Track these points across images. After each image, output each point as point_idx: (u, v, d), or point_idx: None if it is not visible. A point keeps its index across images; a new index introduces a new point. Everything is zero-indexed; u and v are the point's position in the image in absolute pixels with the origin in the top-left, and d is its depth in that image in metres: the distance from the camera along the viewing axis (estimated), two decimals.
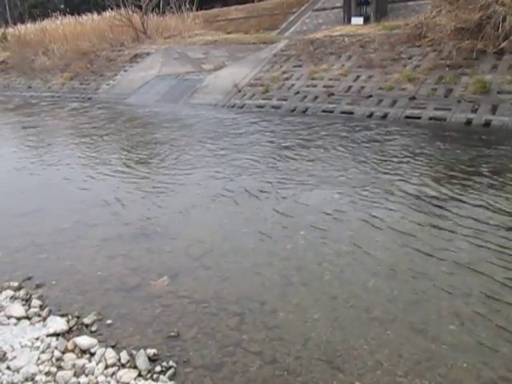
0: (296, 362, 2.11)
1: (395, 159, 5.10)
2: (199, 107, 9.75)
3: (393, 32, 9.53)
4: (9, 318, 2.53)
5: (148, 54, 14.47)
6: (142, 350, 2.18)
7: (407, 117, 7.05)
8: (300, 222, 3.62)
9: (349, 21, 17.22)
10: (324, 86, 8.57)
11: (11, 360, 2.16)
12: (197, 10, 20.16)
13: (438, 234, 3.28)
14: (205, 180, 4.83)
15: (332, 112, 7.87)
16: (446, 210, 3.67)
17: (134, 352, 2.19)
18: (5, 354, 2.21)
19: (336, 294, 2.61)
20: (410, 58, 8.35)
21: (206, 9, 25.72)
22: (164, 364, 2.11)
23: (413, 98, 7.33)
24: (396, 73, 7.94)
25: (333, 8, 21.36)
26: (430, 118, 6.83)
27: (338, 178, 4.61)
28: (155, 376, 2.05)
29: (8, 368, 2.11)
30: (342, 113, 7.75)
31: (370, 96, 7.81)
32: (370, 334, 2.27)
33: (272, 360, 2.13)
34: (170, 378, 2.04)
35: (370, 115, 7.41)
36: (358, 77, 8.43)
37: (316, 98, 8.40)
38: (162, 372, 2.07)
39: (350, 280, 2.76)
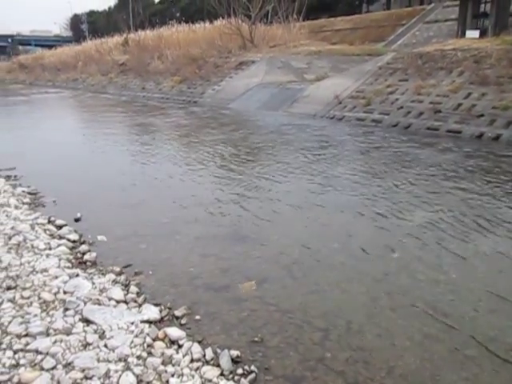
0: None
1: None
2: (298, 116, 9.81)
3: None
4: (110, 299, 2.73)
5: (253, 61, 14.92)
6: (226, 350, 2.22)
7: None
8: (394, 243, 3.47)
9: (463, 34, 16.27)
10: (430, 103, 8.16)
11: (108, 339, 2.32)
12: (303, 20, 20.44)
13: None
14: (298, 189, 4.84)
15: (437, 130, 7.47)
16: None
17: (218, 350, 2.24)
18: (103, 332, 2.39)
19: (428, 324, 2.45)
20: None
21: (312, 19, 25.92)
22: (246, 367, 2.14)
23: None
24: None
25: (446, 20, 20.30)
26: None
27: (437, 201, 4.35)
28: (236, 378, 2.08)
29: (105, 346, 2.27)
30: (449, 131, 7.31)
31: (482, 115, 7.27)
32: (463, 373, 2.10)
33: (354, 382, 2.06)
34: (251, 383, 2.05)
35: (480, 136, 6.90)
36: (470, 94, 7.90)
37: (421, 114, 8.03)
38: (244, 375, 2.09)
39: (445, 311, 2.57)
